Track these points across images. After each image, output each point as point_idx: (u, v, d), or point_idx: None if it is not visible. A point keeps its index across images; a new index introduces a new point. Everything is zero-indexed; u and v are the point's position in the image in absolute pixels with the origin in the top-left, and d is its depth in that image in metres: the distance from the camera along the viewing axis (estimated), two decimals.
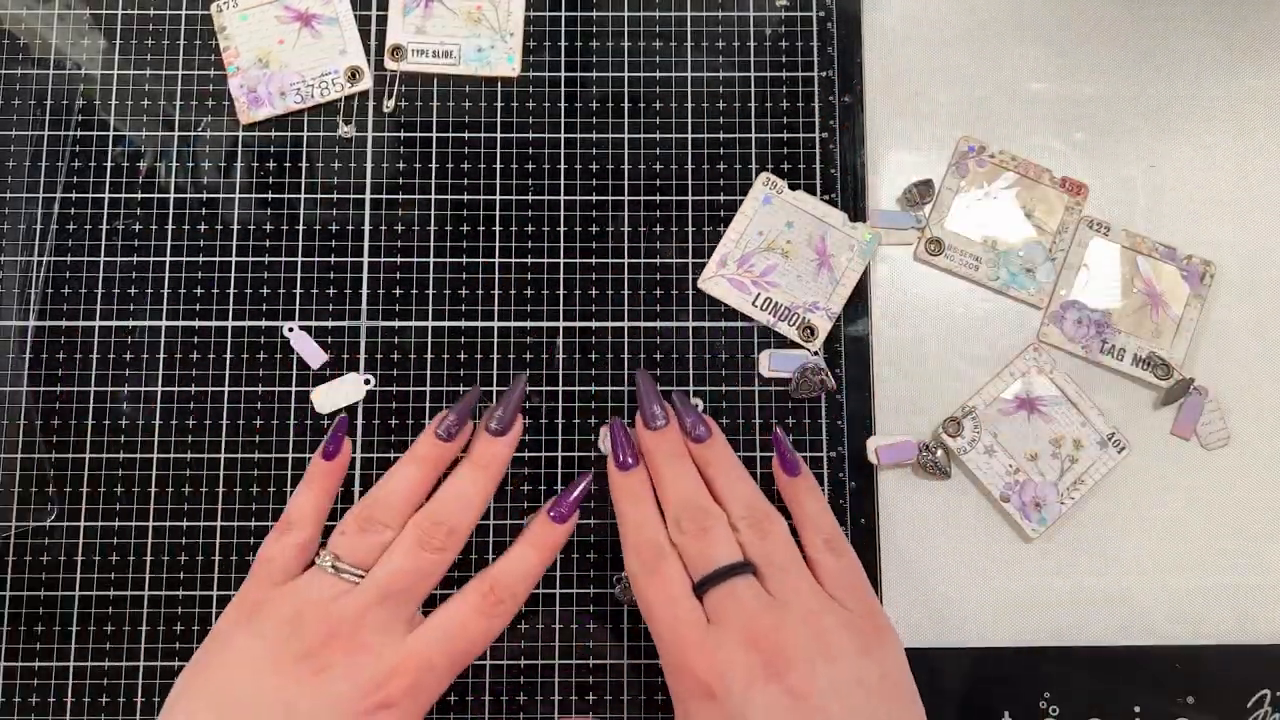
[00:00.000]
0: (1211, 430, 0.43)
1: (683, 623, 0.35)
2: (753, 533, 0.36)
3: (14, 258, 0.43)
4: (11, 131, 0.43)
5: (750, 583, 0.35)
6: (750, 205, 0.43)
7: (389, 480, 0.38)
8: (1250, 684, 0.41)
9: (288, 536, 0.36)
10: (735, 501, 0.37)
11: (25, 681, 0.40)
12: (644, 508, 0.38)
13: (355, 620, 0.34)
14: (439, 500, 0.37)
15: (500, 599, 0.36)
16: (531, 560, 0.38)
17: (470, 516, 0.37)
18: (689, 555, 0.36)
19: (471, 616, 0.36)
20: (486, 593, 0.36)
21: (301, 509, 0.37)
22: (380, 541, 0.36)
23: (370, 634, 0.34)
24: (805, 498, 0.38)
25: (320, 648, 0.34)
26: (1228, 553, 0.42)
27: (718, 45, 0.45)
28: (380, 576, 0.35)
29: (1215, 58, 0.45)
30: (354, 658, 0.34)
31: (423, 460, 0.38)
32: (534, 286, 0.43)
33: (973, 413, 0.42)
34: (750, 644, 0.33)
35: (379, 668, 0.34)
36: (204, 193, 0.43)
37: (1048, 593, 0.42)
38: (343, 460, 0.39)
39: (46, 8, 0.44)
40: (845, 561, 0.37)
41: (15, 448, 0.42)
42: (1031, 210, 0.44)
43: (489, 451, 0.38)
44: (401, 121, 0.44)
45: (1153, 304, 0.43)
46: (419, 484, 0.37)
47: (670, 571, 0.36)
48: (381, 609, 0.35)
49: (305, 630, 0.34)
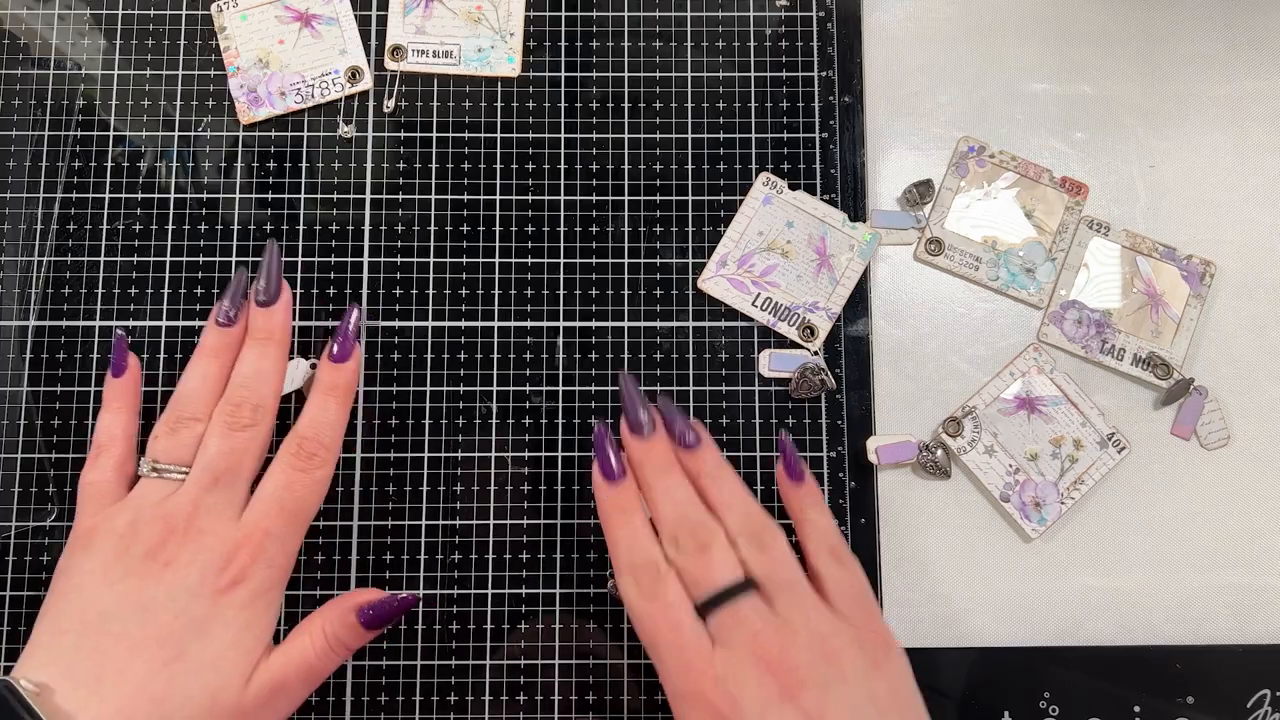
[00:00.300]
0: (1211, 430, 0.43)
1: (689, 649, 0.34)
2: (752, 548, 0.35)
3: (14, 258, 0.43)
4: (11, 131, 0.43)
5: (755, 603, 0.34)
6: (750, 205, 0.43)
7: (186, 380, 0.38)
8: (1250, 684, 0.41)
9: (102, 458, 0.37)
10: (732, 513, 0.36)
11: None
12: (635, 523, 0.36)
13: (189, 512, 0.35)
14: (234, 383, 0.38)
15: (312, 451, 0.37)
16: (331, 406, 0.38)
17: (268, 388, 0.38)
18: (689, 575, 0.35)
19: (291, 475, 0.37)
20: (296, 450, 0.37)
21: (109, 430, 0.38)
22: (193, 435, 0.37)
23: (205, 520, 0.35)
24: (809, 505, 0.37)
25: (161, 545, 0.35)
26: (1228, 553, 0.42)
27: (718, 45, 0.45)
28: (201, 464, 0.36)
29: (1215, 58, 0.45)
30: (195, 544, 0.35)
31: (212, 350, 0.38)
32: (534, 286, 0.43)
33: (973, 413, 0.42)
34: (762, 666, 0.33)
35: (221, 549, 0.35)
36: (204, 193, 0.43)
37: (1048, 593, 0.42)
38: (134, 375, 0.40)
39: (46, 8, 0.44)
40: (850, 572, 0.36)
41: (15, 448, 0.42)
42: (1031, 210, 0.44)
43: (265, 324, 0.39)
44: (401, 121, 0.44)
45: (1153, 304, 0.43)
46: (215, 375, 0.38)
47: (671, 595, 0.35)
48: (210, 495, 0.36)
49: (144, 532, 0.35)
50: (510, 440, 0.42)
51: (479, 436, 0.42)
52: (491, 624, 0.41)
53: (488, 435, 0.42)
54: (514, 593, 0.41)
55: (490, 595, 0.41)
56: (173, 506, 0.36)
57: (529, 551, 0.42)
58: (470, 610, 0.41)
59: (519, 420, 0.42)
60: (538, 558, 0.41)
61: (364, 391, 0.42)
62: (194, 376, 0.38)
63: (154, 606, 0.34)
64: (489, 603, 0.41)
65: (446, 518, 0.42)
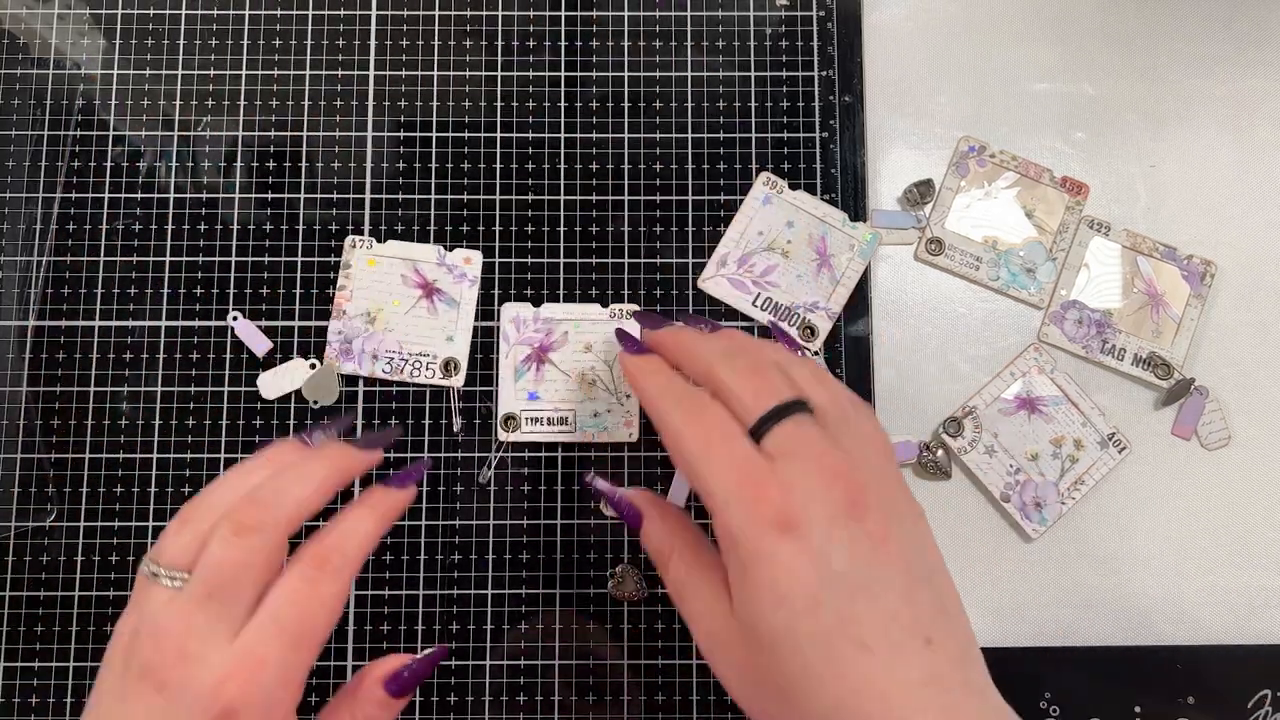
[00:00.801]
0: (1212, 430, 0.43)
1: (747, 461, 0.30)
2: (811, 381, 0.33)
3: (14, 257, 0.43)
4: (11, 131, 0.43)
5: (814, 421, 0.31)
6: (750, 205, 0.43)
7: (222, 477, 0.33)
8: (1251, 684, 0.41)
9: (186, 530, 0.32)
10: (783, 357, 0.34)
11: (25, 681, 0.40)
12: (669, 372, 0.33)
13: (181, 629, 0.30)
14: (260, 483, 0.32)
15: (326, 558, 0.32)
16: (367, 521, 0.33)
17: (296, 500, 0.32)
18: (743, 396, 0.32)
19: (298, 587, 0.31)
20: (311, 556, 0.32)
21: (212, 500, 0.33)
22: (195, 537, 0.31)
23: (194, 643, 0.30)
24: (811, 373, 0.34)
25: (153, 665, 0.30)
26: (1228, 553, 0.42)
27: (718, 45, 0.45)
28: (199, 574, 0.31)
29: (1215, 58, 0.45)
30: (184, 670, 0.30)
31: (268, 459, 0.33)
32: (534, 286, 0.43)
33: (973, 413, 0.42)
34: (829, 479, 0.30)
35: (209, 679, 0.30)
36: (204, 192, 0.43)
37: (1048, 593, 0.42)
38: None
39: (46, 8, 0.44)
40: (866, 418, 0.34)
41: (15, 448, 0.42)
42: (1032, 210, 0.44)
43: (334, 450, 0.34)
44: (401, 121, 0.44)
45: (1153, 304, 0.43)
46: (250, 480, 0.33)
47: (720, 413, 0.32)
48: (202, 613, 0.30)
49: (141, 648, 0.31)
50: (510, 440, 0.42)
51: (479, 437, 0.42)
52: (491, 624, 0.41)
53: (488, 435, 0.42)
54: (514, 593, 0.41)
55: (490, 595, 0.41)
56: (165, 622, 0.31)
57: (529, 551, 0.42)
58: (470, 610, 0.41)
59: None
60: (538, 558, 0.41)
61: (364, 391, 0.42)
62: (233, 475, 0.33)
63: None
64: (489, 603, 0.41)
65: (446, 518, 0.42)
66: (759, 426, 0.31)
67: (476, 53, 0.44)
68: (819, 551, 0.29)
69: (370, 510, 0.33)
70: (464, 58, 0.44)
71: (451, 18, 0.45)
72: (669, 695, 0.41)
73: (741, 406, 0.32)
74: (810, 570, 0.29)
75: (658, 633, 0.41)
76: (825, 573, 0.29)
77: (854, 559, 0.29)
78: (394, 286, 0.42)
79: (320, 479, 0.33)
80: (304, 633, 0.31)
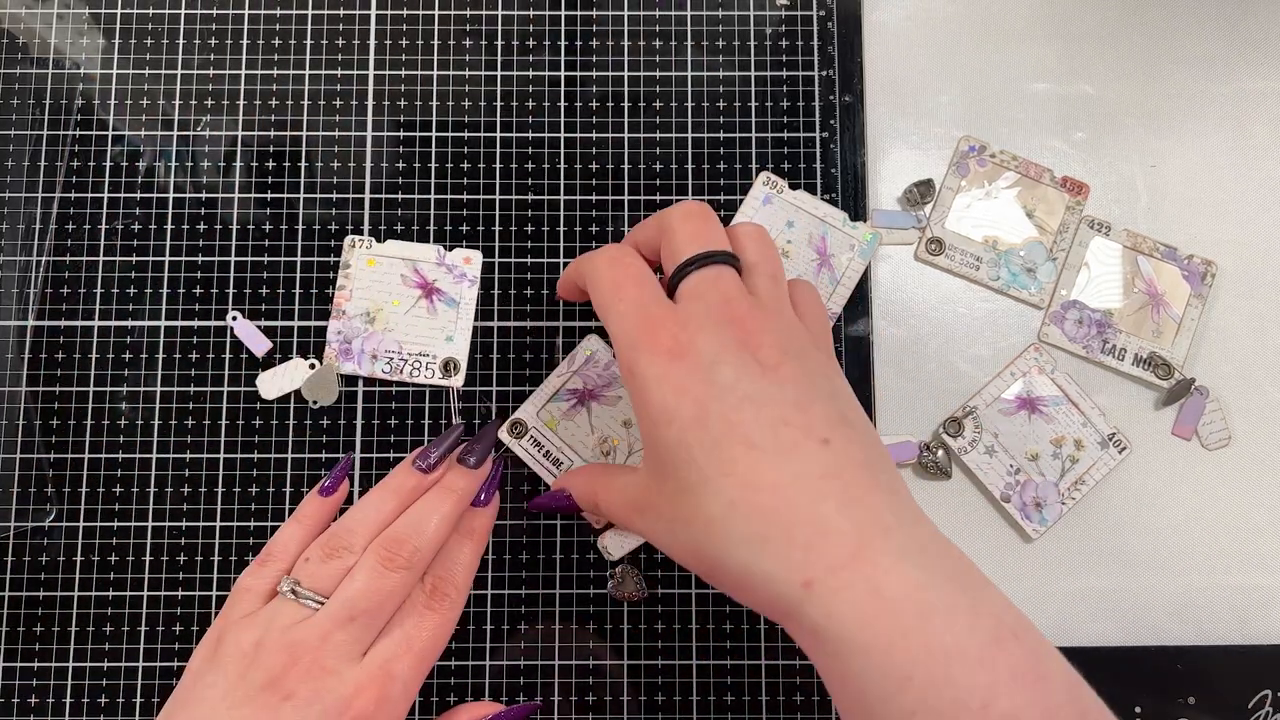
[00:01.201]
0: (1212, 430, 0.43)
1: (653, 300, 0.33)
2: (751, 240, 0.34)
3: (13, 257, 0.43)
4: (11, 131, 0.43)
5: (735, 275, 0.33)
6: (750, 205, 0.43)
7: (357, 508, 0.37)
8: (1251, 684, 0.41)
9: (268, 567, 0.36)
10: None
11: (25, 682, 0.40)
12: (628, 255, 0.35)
13: (316, 646, 0.33)
14: (401, 521, 0.36)
15: (445, 592, 0.36)
16: (467, 549, 0.37)
17: (432, 534, 0.36)
18: (680, 238, 0.34)
19: (423, 615, 0.35)
20: (432, 590, 0.36)
21: (285, 544, 0.36)
22: (343, 566, 0.35)
23: (331, 658, 0.33)
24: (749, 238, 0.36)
25: (282, 675, 0.33)
26: (1228, 553, 0.42)
27: (718, 45, 0.45)
28: (342, 598, 0.34)
29: (1215, 58, 0.45)
30: (317, 682, 0.33)
31: (395, 489, 0.37)
32: (534, 286, 0.43)
33: (973, 413, 0.42)
34: (725, 319, 0.32)
35: (343, 690, 0.33)
36: (204, 192, 0.43)
37: (1048, 593, 0.42)
38: (337, 499, 0.38)
39: (46, 7, 0.44)
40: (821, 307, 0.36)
41: (14, 448, 0.41)
42: (1032, 210, 0.44)
43: (455, 480, 0.37)
44: (401, 121, 0.44)
45: (1154, 304, 0.43)
46: (389, 514, 0.36)
47: (638, 263, 0.34)
48: (343, 633, 0.34)
49: (266, 659, 0.33)
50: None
51: None
52: (491, 624, 0.41)
53: None
54: (514, 593, 0.41)
55: (490, 595, 0.41)
56: (300, 636, 0.33)
57: (529, 552, 0.42)
58: (470, 610, 0.41)
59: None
60: (537, 558, 0.41)
61: (363, 391, 0.42)
62: (367, 507, 0.37)
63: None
64: (489, 603, 0.41)
65: None
66: (682, 268, 0.33)
67: (476, 53, 0.44)
68: (707, 368, 0.31)
69: (465, 538, 0.38)
70: (464, 58, 0.44)
71: (451, 18, 0.45)
72: (669, 695, 0.41)
73: (675, 249, 0.34)
74: (699, 384, 0.31)
75: (658, 633, 0.41)
76: (712, 387, 0.31)
77: (740, 376, 0.31)
78: (394, 286, 0.42)
79: (449, 513, 0.36)
80: (427, 652, 0.35)
